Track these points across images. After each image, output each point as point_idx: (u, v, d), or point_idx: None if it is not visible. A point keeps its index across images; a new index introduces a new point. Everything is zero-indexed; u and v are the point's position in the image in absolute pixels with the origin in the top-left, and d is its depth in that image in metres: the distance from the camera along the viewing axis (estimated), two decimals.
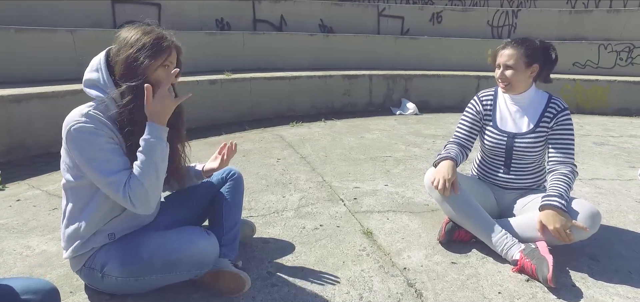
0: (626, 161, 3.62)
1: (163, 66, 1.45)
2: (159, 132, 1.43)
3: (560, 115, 1.98)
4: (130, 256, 1.51)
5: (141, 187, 1.38)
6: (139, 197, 1.38)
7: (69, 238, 1.52)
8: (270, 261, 1.90)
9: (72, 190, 1.48)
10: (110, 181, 1.37)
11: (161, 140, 1.43)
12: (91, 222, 1.48)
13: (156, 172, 1.42)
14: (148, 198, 1.40)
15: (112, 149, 1.40)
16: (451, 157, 2.01)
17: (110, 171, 1.37)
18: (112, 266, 1.51)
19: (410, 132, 4.56)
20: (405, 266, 1.88)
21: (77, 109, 1.41)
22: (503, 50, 2.02)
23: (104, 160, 1.37)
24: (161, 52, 1.44)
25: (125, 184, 1.38)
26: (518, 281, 1.78)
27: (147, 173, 1.39)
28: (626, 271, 1.88)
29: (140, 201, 1.39)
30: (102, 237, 1.51)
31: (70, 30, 4.53)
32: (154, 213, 1.70)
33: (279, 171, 3.16)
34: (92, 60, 1.49)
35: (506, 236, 1.90)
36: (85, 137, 1.36)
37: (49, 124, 3.59)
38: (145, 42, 1.42)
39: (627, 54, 6.60)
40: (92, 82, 1.46)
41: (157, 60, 1.43)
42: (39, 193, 2.69)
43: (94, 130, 1.36)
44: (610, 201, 2.68)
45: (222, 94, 4.86)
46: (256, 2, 6.46)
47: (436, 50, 6.84)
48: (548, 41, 2.05)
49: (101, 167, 1.37)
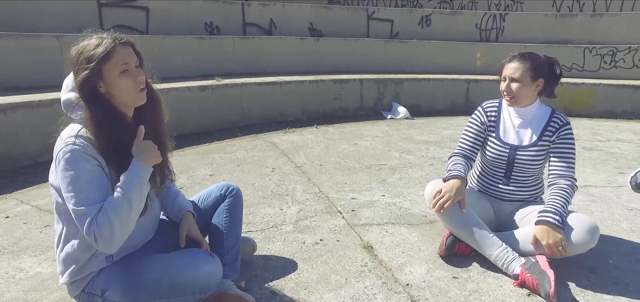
0: (615, 166, 3.69)
1: (119, 72, 1.35)
2: (143, 171, 1.37)
3: (562, 129, 2.01)
4: (132, 281, 1.47)
5: (108, 222, 1.28)
6: (103, 233, 1.28)
7: (64, 262, 1.46)
8: (273, 279, 1.88)
9: (65, 213, 1.40)
10: (80, 212, 1.29)
11: (141, 180, 1.36)
12: (86, 245, 1.41)
13: (129, 210, 1.32)
14: (113, 235, 1.29)
15: (92, 179, 1.31)
16: (462, 176, 2.01)
17: (82, 201, 1.29)
18: (114, 291, 1.47)
19: (403, 138, 4.57)
20: (408, 282, 1.88)
21: (68, 130, 1.36)
22: (509, 63, 2.04)
23: (80, 189, 1.29)
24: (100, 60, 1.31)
25: (92, 218, 1.28)
26: (520, 295, 1.79)
27: (118, 209, 1.30)
28: (623, 283, 1.92)
29: (104, 238, 1.28)
30: (100, 260, 1.47)
31: (56, 36, 4.42)
32: (152, 231, 1.66)
33: (275, 181, 3.13)
34: (65, 80, 1.44)
35: (507, 251, 1.91)
36: (71, 162, 1.29)
37: (35, 133, 3.50)
38: (84, 55, 1.33)
39: (610, 57, 6.74)
40: (71, 103, 1.40)
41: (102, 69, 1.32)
42: (29, 209, 2.61)
43: (81, 155, 1.29)
44: (602, 209, 2.73)
45: (212, 99, 4.80)
46: (245, 5, 6.40)
47: (426, 54, 6.89)
48: (553, 57, 2.07)
49: (76, 196, 1.29)
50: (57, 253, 1.48)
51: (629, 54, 6.67)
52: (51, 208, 2.57)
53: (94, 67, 1.31)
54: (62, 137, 1.34)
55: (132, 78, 1.38)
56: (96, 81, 1.34)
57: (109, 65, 1.34)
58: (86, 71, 1.32)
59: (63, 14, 5.06)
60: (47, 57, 4.31)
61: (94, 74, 1.32)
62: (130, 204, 1.33)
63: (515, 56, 2.04)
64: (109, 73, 1.34)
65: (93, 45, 1.34)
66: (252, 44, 5.97)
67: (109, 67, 1.34)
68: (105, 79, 1.35)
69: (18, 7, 4.81)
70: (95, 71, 1.32)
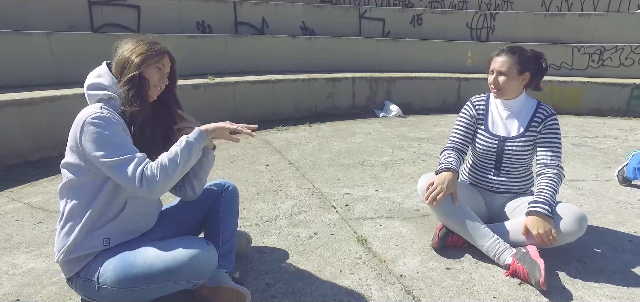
0: (603, 161, 3.76)
1: (155, 67, 1.56)
2: (201, 136, 1.57)
3: (548, 120, 2.06)
4: (127, 265, 1.48)
5: (155, 170, 1.44)
6: (148, 178, 1.42)
7: (63, 237, 1.50)
8: (268, 272, 1.89)
9: (72, 189, 1.49)
10: (123, 159, 1.42)
11: (196, 144, 1.54)
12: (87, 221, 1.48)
13: (175, 167, 1.48)
14: (156, 183, 1.43)
15: (125, 136, 1.48)
16: (453, 169, 2.05)
17: (125, 151, 1.44)
18: (109, 276, 1.48)
19: (396, 135, 4.61)
20: (402, 273, 1.90)
21: (90, 107, 1.49)
22: (497, 57, 2.08)
23: (121, 144, 1.44)
24: (153, 54, 1.55)
25: (138, 162, 1.43)
26: (511, 285, 1.83)
27: (168, 163, 1.46)
28: (610, 271, 1.96)
29: (148, 182, 1.42)
30: (97, 241, 1.50)
31: (46, 34, 4.38)
32: (150, 223, 1.68)
33: (269, 177, 3.14)
34: (92, 71, 1.57)
35: (498, 241, 1.95)
36: (104, 124, 1.42)
37: (26, 132, 3.47)
38: (140, 45, 1.56)
39: (598, 56, 6.86)
40: (97, 85, 1.53)
41: (148, 59, 1.53)
42: (21, 206, 2.59)
43: (111, 118, 1.44)
44: (591, 202, 2.79)
45: (205, 98, 4.80)
46: (238, 4, 6.39)
47: (417, 52, 6.94)
48: (539, 51, 2.12)
49: (116, 151, 1.42)
50: (57, 229, 1.52)
51: (616, 53, 6.80)
52: (44, 205, 2.58)
53: (143, 55, 1.53)
54: (85, 113, 1.44)
55: (159, 75, 1.59)
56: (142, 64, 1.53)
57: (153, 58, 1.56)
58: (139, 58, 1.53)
59: (53, 12, 5.01)
60: (37, 55, 4.27)
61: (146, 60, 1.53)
62: (177, 162, 1.49)
63: (504, 50, 2.08)
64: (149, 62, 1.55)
65: (152, 41, 1.59)
66: (244, 42, 5.97)
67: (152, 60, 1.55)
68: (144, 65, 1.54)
69: (7, 5, 4.76)
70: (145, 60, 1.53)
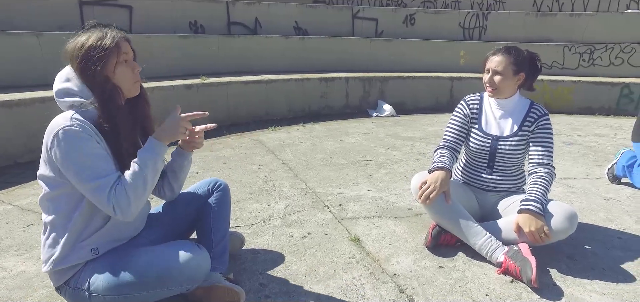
0: (593, 160, 3.81)
1: (120, 63, 1.44)
2: (159, 149, 1.47)
3: (540, 119, 2.08)
4: (118, 273, 1.47)
5: (125, 196, 1.38)
6: (121, 205, 1.38)
7: (49, 249, 1.47)
8: (262, 272, 1.89)
9: (51, 201, 1.44)
10: (95, 186, 1.35)
11: (158, 157, 1.47)
12: (72, 233, 1.44)
13: (144, 186, 1.43)
14: (130, 207, 1.40)
15: (98, 155, 1.38)
16: (446, 168, 2.06)
17: (96, 175, 1.36)
18: (100, 284, 1.46)
19: (389, 134, 4.62)
20: (395, 272, 1.91)
21: (61, 116, 1.38)
22: (493, 57, 2.09)
23: (89, 165, 1.35)
24: (109, 50, 1.41)
25: (110, 189, 1.37)
26: (503, 282, 1.84)
27: (135, 185, 1.40)
28: (600, 268, 1.99)
29: (122, 209, 1.38)
30: (84, 252, 1.47)
31: (36, 34, 4.33)
32: (139, 227, 1.67)
33: (262, 178, 3.14)
34: (59, 74, 1.45)
35: (490, 239, 1.96)
36: (73, 141, 1.33)
37: (16, 133, 3.43)
38: (90, 45, 1.40)
39: (588, 55, 6.93)
40: (66, 91, 1.42)
41: (109, 59, 1.41)
42: (11, 208, 2.56)
43: (81, 133, 1.34)
44: (581, 200, 2.82)
45: (198, 98, 4.78)
46: (230, 4, 6.37)
47: (410, 52, 6.96)
48: (534, 52, 2.14)
49: (86, 173, 1.35)
50: (43, 241, 1.49)
51: (606, 52, 6.88)
52: (34, 207, 2.55)
53: (105, 56, 1.40)
54: (55, 124, 1.36)
55: (131, 69, 1.48)
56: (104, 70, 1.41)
57: (115, 55, 1.42)
58: (98, 59, 1.39)
59: (43, 12, 4.97)
60: (26, 55, 4.23)
61: (105, 61, 1.40)
62: (145, 179, 1.43)
63: (500, 49, 2.10)
64: (114, 61, 1.42)
65: (99, 36, 1.42)
66: (237, 43, 5.95)
67: (114, 57, 1.42)
68: (110, 66, 1.42)
69: None
70: (106, 59, 1.41)
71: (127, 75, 1.47)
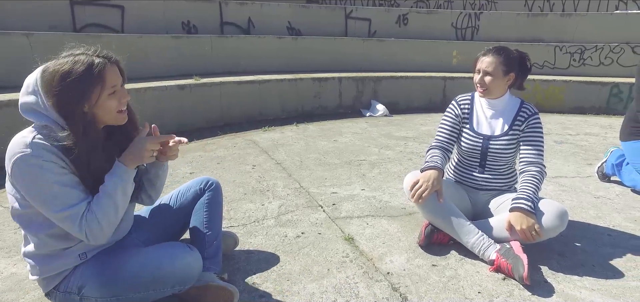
0: (584, 158, 3.85)
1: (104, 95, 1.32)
2: (127, 175, 1.41)
3: (531, 118, 2.10)
4: (110, 276, 1.46)
5: (97, 224, 1.34)
6: (94, 232, 1.34)
7: (32, 260, 1.45)
8: (256, 272, 1.89)
9: (20, 217, 1.39)
10: (64, 216, 1.30)
11: (126, 183, 1.41)
12: (51, 246, 1.41)
13: (115, 212, 1.39)
14: (102, 233, 1.37)
15: (63, 182, 1.29)
16: (439, 167, 2.07)
17: (64, 206, 1.29)
18: (91, 287, 1.45)
19: (382, 134, 4.64)
20: (389, 271, 1.92)
21: (19, 137, 1.28)
22: (484, 57, 2.11)
23: (55, 195, 1.27)
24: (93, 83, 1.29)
25: (81, 218, 1.32)
26: (495, 280, 1.86)
27: (105, 212, 1.36)
28: (590, 264, 2.02)
29: (95, 236, 1.35)
30: (72, 259, 1.45)
31: (26, 34, 4.29)
32: (126, 228, 1.64)
33: (256, 178, 3.14)
34: (26, 80, 1.33)
35: (483, 238, 1.98)
36: (32, 171, 1.24)
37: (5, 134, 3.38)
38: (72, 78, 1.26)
39: (579, 55, 7.01)
40: (30, 107, 1.30)
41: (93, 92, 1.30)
42: (2, 210, 2.54)
43: (41, 163, 1.24)
44: (572, 198, 2.85)
45: (191, 99, 4.75)
46: (223, 4, 6.35)
47: (403, 52, 6.99)
48: (524, 52, 2.16)
49: (53, 203, 1.28)
50: (24, 251, 1.47)
51: (596, 52, 6.96)
52: None
53: (86, 90, 1.29)
54: (14, 149, 1.26)
55: (118, 99, 1.38)
56: (84, 103, 1.31)
57: (100, 88, 1.32)
58: (76, 93, 1.28)
59: (33, 11, 4.92)
60: (17, 55, 4.18)
61: (86, 96, 1.30)
62: (116, 205, 1.39)
63: (490, 50, 2.12)
64: (97, 95, 1.32)
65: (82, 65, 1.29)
66: (230, 43, 5.93)
67: (99, 90, 1.32)
68: (92, 100, 1.32)
69: None
70: (88, 94, 1.30)
71: (111, 107, 1.36)
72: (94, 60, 1.31)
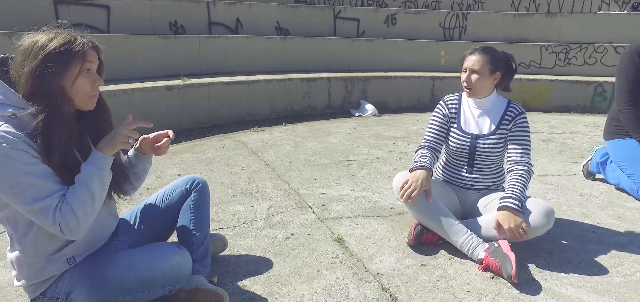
0: (569, 156, 3.91)
1: (81, 74, 1.29)
2: (103, 162, 1.35)
3: (518, 118, 2.13)
4: (98, 280, 1.44)
5: (73, 216, 1.27)
6: (69, 225, 1.27)
7: (18, 266, 1.41)
8: (245, 274, 1.88)
9: (4, 219, 1.34)
10: (37, 208, 1.23)
11: (103, 171, 1.35)
12: (38, 249, 1.36)
13: (92, 202, 1.32)
14: (79, 226, 1.29)
15: (34, 172, 1.22)
16: (427, 167, 2.08)
17: (36, 197, 1.22)
18: (79, 292, 1.43)
19: (371, 134, 4.65)
20: (378, 271, 1.93)
21: None
22: (470, 56, 2.13)
23: (27, 186, 1.21)
24: (74, 58, 1.26)
25: (55, 209, 1.25)
26: (484, 278, 1.88)
27: (81, 202, 1.29)
28: (576, 261, 2.05)
29: (70, 229, 1.28)
30: (60, 264, 1.42)
31: (7, 34, 4.21)
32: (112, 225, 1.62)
33: (245, 179, 3.12)
34: None
35: (471, 237, 2.00)
36: (3, 161, 1.18)
37: None
38: (53, 48, 1.23)
39: (564, 54, 7.12)
40: None
41: (71, 68, 1.26)
42: None
43: (9, 152, 1.18)
44: (558, 196, 2.89)
45: (179, 100, 4.71)
46: (211, 4, 6.31)
47: (392, 52, 7.02)
48: (509, 53, 2.19)
49: (24, 195, 1.21)
50: (9, 257, 1.42)
51: (580, 52, 7.08)
52: None
53: (65, 63, 1.25)
54: None
55: (91, 81, 1.34)
56: (63, 76, 1.26)
57: (79, 64, 1.28)
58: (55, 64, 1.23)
59: (15, 11, 4.82)
60: None
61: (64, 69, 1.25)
62: (92, 194, 1.32)
63: (476, 49, 2.15)
64: (76, 70, 1.28)
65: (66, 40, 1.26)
66: (218, 43, 5.89)
67: (79, 66, 1.28)
68: (70, 76, 1.28)
69: None
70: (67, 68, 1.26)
71: (85, 88, 1.32)
72: (77, 37, 1.29)
